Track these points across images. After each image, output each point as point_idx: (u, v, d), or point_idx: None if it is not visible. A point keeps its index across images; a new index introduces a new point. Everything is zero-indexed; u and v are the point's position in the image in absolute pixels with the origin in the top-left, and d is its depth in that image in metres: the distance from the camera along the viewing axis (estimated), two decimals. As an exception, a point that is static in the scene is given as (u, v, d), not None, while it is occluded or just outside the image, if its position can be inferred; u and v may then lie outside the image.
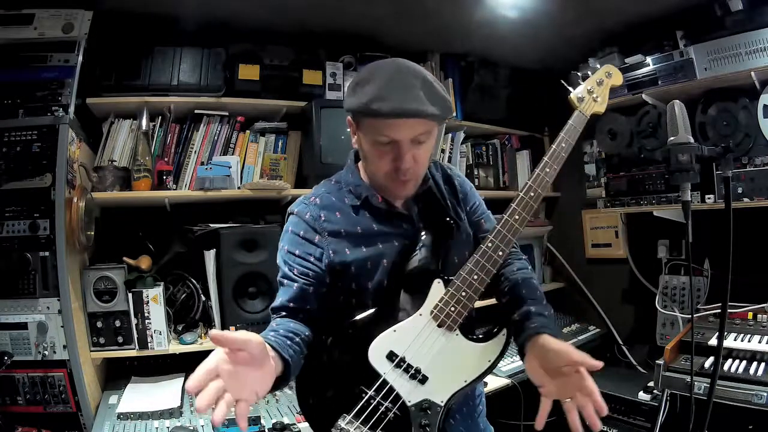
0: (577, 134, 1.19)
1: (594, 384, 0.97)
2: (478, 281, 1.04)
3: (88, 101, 1.94)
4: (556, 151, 1.16)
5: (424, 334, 1.03)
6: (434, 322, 1.04)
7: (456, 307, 1.03)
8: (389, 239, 1.12)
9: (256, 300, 2.03)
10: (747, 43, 1.97)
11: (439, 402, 1.02)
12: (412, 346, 1.02)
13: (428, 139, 1.06)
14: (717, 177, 2.02)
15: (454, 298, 1.04)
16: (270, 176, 2.18)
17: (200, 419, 1.73)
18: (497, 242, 1.06)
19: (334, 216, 1.12)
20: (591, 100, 1.22)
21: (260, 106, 2.20)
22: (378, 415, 0.99)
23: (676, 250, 2.53)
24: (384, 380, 1.00)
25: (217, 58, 2.11)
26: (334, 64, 2.35)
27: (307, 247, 1.10)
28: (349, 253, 1.09)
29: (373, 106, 0.98)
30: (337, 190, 1.17)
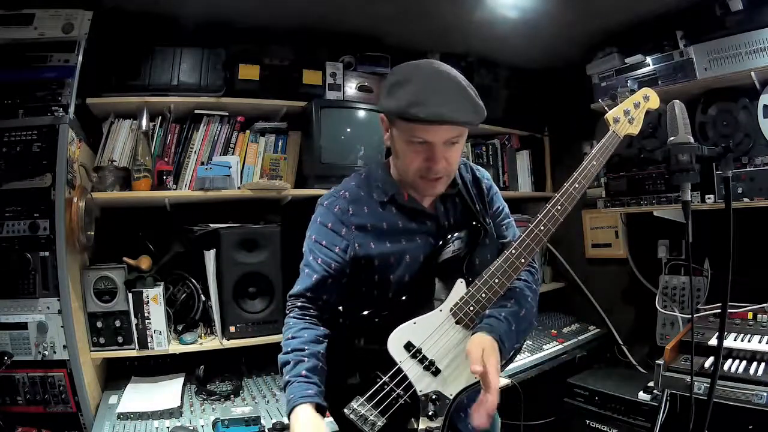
0: (609, 154, 1.22)
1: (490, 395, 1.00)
2: (498, 285, 1.10)
3: (88, 101, 1.94)
4: (586, 168, 1.19)
5: (442, 329, 1.09)
6: (453, 318, 1.10)
7: (475, 306, 1.09)
8: (413, 237, 1.17)
9: (256, 300, 2.03)
10: (747, 43, 1.97)
11: (449, 395, 1.08)
12: (430, 339, 1.09)
13: (461, 141, 1.11)
14: (717, 177, 2.02)
15: (473, 298, 1.10)
16: (270, 176, 2.19)
17: (200, 419, 1.73)
18: (521, 250, 1.12)
19: (361, 210, 1.17)
20: (626, 121, 1.25)
21: (260, 106, 2.20)
22: (389, 401, 1.06)
23: (676, 250, 2.53)
24: (399, 368, 1.07)
25: (217, 58, 2.11)
26: (334, 64, 2.35)
27: (334, 238, 1.15)
28: (373, 247, 1.14)
29: (412, 111, 1.01)
30: (366, 185, 1.22)
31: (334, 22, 2.24)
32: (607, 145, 1.22)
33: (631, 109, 1.26)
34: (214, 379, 2.03)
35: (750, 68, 1.96)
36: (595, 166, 1.20)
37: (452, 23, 2.31)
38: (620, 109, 1.26)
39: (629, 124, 1.25)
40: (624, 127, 1.25)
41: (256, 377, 2.14)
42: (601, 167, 1.22)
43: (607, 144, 1.22)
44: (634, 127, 1.26)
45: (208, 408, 1.84)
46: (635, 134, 1.27)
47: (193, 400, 1.89)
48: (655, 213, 2.32)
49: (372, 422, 1.04)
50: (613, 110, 1.26)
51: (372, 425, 1.04)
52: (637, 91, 1.29)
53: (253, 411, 1.75)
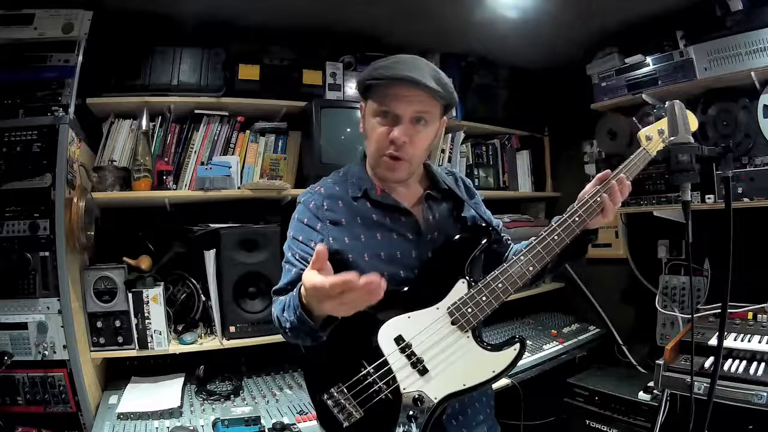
0: (637, 171, 1.20)
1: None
2: (501, 290, 1.07)
3: (88, 101, 1.94)
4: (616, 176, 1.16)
5: (436, 327, 1.05)
6: (449, 318, 1.06)
7: (473, 309, 1.06)
8: (389, 232, 1.15)
9: (256, 300, 2.03)
10: (747, 43, 1.97)
11: (433, 398, 1.03)
12: (421, 336, 1.04)
13: (427, 124, 1.11)
14: (717, 177, 2.02)
15: (473, 300, 1.06)
16: (270, 176, 2.18)
17: (200, 419, 1.73)
18: (530, 258, 1.08)
19: (336, 205, 1.17)
20: (660, 141, 1.22)
21: (260, 106, 2.20)
22: (370, 393, 1.02)
23: (676, 250, 2.53)
24: (385, 360, 1.03)
25: (217, 58, 2.11)
26: (334, 64, 2.35)
27: (310, 233, 1.15)
28: (347, 242, 1.13)
29: (377, 72, 1.08)
30: (343, 181, 1.22)
31: (334, 22, 2.24)
32: (636, 162, 1.19)
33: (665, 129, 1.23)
34: (214, 379, 2.03)
35: (750, 68, 1.96)
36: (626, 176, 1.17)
37: (452, 23, 2.31)
38: (654, 128, 1.23)
39: (663, 144, 1.23)
40: (656, 145, 1.22)
41: (256, 377, 2.14)
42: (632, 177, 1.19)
43: (636, 160, 1.19)
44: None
45: (208, 408, 1.84)
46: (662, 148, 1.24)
47: (193, 400, 1.89)
48: (655, 213, 2.32)
49: (349, 412, 1.02)
50: (647, 128, 1.24)
51: (348, 415, 1.02)
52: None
53: (253, 411, 1.75)
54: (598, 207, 1.11)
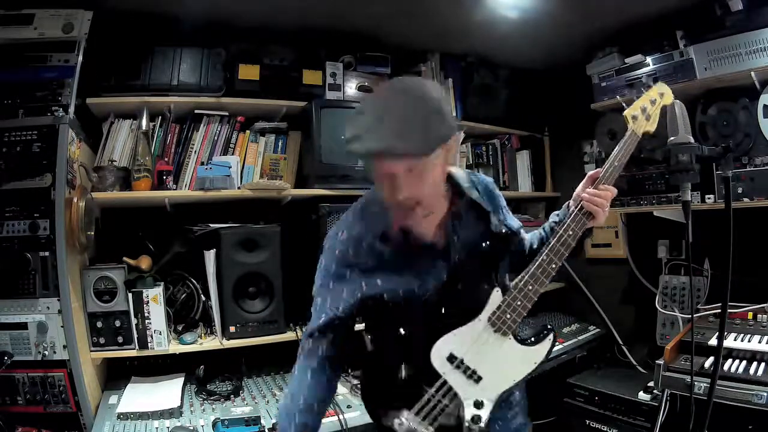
0: (629, 154, 1.22)
1: None
2: (533, 291, 1.13)
3: (88, 101, 1.94)
4: (609, 171, 1.21)
5: (482, 339, 1.12)
6: (491, 327, 1.12)
7: (512, 314, 1.12)
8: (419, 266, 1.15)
9: (256, 300, 2.03)
10: (747, 43, 1.97)
11: (490, 398, 1.12)
12: (471, 349, 1.11)
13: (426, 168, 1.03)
14: (717, 177, 2.02)
15: (510, 306, 1.13)
16: (270, 176, 2.18)
17: (200, 419, 1.73)
18: (552, 255, 1.15)
19: (360, 249, 1.16)
20: (644, 119, 1.25)
21: (260, 106, 2.20)
22: (437, 411, 1.10)
23: (676, 250, 2.53)
24: (444, 380, 1.11)
25: (217, 58, 2.11)
26: (334, 64, 2.35)
27: (339, 282, 1.16)
28: (380, 284, 1.15)
29: (352, 147, 1.01)
30: (362, 218, 1.19)
31: (334, 22, 2.24)
32: (628, 145, 1.22)
33: (647, 106, 1.25)
34: (214, 379, 2.03)
35: (750, 68, 1.96)
36: (617, 167, 1.21)
37: (452, 23, 2.31)
38: (637, 105, 1.25)
39: (646, 122, 1.24)
40: (641, 124, 1.24)
41: (256, 377, 2.14)
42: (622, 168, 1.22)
43: (628, 144, 1.22)
44: (651, 125, 1.25)
45: (208, 408, 1.84)
46: (652, 132, 1.26)
47: (193, 400, 1.89)
48: (655, 213, 2.32)
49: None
50: (631, 107, 1.25)
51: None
52: (653, 87, 1.28)
53: (253, 411, 1.75)
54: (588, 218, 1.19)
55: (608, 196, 1.18)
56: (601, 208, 1.17)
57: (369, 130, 0.98)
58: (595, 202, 1.17)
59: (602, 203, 1.17)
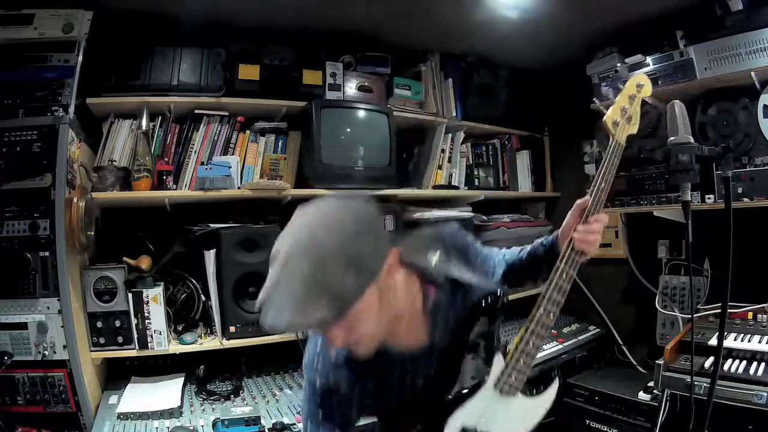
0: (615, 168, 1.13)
1: None
2: (534, 346, 1.09)
3: (88, 101, 1.94)
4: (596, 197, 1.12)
5: (491, 405, 1.09)
6: (499, 392, 1.09)
7: (517, 375, 1.09)
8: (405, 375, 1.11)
9: (256, 300, 2.02)
10: (747, 43, 1.97)
11: None
12: (481, 417, 1.08)
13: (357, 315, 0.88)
14: (717, 177, 2.02)
15: (514, 368, 1.09)
16: (270, 176, 2.18)
17: (200, 419, 1.73)
18: (548, 306, 1.10)
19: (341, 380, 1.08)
20: (624, 122, 1.16)
21: (260, 106, 2.20)
22: None
23: (676, 250, 2.53)
24: None
25: (217, 58, 2.11)
26: (334, 64, 2.35)
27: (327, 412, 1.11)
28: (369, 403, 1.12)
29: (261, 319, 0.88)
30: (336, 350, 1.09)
31: (334, 22, 2.24)
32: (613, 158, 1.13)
33: (627, 105, 1.16)
34: (214, 379, 2.03)
35: (750, 68, 1.96)
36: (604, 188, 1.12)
37: (452, 23, 2.31)
38: (617, 108, 1.16)
39: (628, 124, 1.16)
40: (623, 130, 1.16)
41: (256, 377, 2.14)
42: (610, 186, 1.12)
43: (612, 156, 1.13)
44: (633, 126, 1.17)
45: (208, 408, 1.84)
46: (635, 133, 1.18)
47: (193, 400, 1.89)
48: (655, 213, 2.32)
49: None
50: (611, 111, 1.15)
51: None
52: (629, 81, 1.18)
53: (253, 411, 1.75)
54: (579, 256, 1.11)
55: (600, 229, 1.11)
56: (594, 243, 1.10)
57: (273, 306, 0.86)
58: (587, 240, 1.09)
59: (595, 240, 1.10)
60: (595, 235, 1.10)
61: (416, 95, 2.56)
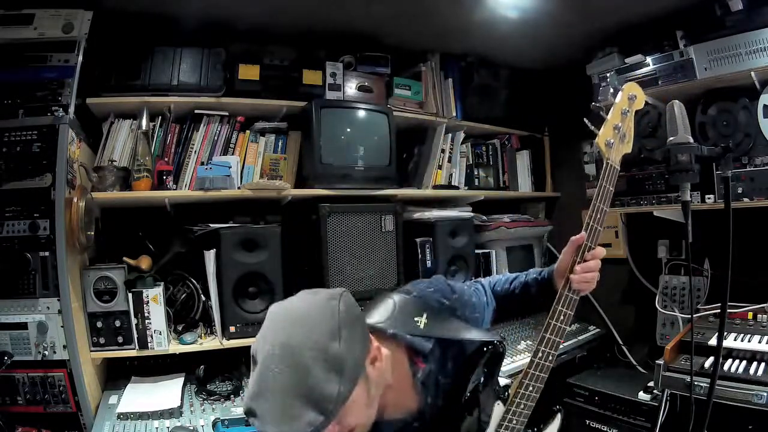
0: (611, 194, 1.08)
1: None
2: (535, 390, 1.09)
3: (88, 101, 1.94)
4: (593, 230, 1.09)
5: None
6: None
7: (517, 419, 1.09)
8: None
9: (256, 300, 2.03)
10: (747, 43, 1.97)
11: None
12: None
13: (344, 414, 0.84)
14: (717, 177, 2.02)
15: (515, 414, 1.09)
16: (270, 176, 2.18)
17: (200, 419, 1.73)
18: (546, 349, 1.08)
19: None
20: (618, 141, 1.10)
21: (260, 106, 2.20)
22: None
23: (676, 250, 2.53)
24: None
25: (217, 58, 2.11)
26: (334, 64, 2.35)
27: None
28: None
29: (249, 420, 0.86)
30: None
31: (334, 22, 2.24)
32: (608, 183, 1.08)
33: (620, 123, 1.10)
34: (214, 379, 2.03)
35: (750, 68, 1.96)
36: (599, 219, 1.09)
37: (452, 23, 2.31)
38: (609, 126, 1.09)
39: (621, 143, 1.10)
40: (617, 150, 1.10)
41: (256, 377, 2.13)
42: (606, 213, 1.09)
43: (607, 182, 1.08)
44: (628, 144, 1.12)
45: (208, 408, 1.84)
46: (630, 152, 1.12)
47: (193, 400, 1.89)
48: (655, 213, 2.32)
49: None
50: (603, 130, 1.09)
51: None
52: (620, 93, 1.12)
53: (253, 411, 1.75)
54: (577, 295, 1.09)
55: (597, 266, 1.07)
56: (592, 281, 1.07)
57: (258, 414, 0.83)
58: (585, 279, 1.06)
59: (593, 278, 1.07)
60: (593, 273, 1.08)
61: (416, 95, 2.56)
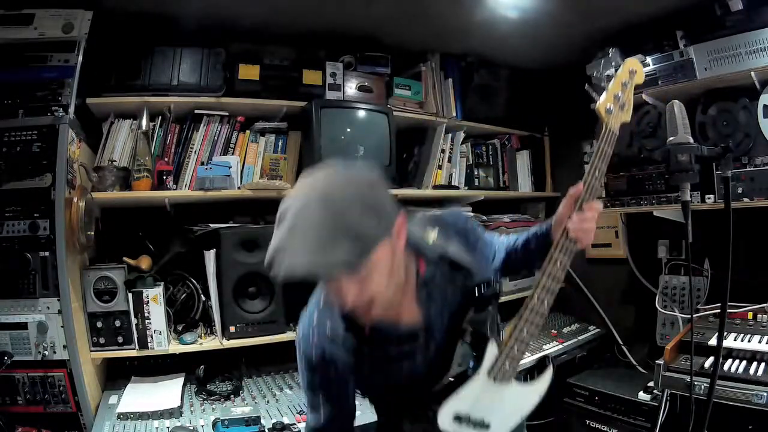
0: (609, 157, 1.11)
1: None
2: (528, 334, 1.09)
3: (88, 101, 1.94)
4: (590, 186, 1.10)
5: (484, 392, 1.09)
6: (492, 380, 1.09)
7: (510, 363, 1.09)
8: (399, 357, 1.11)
9: (256, 300, 2.03)
10: (747, 43, 1.97)
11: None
12: (475, 404, 1.09)
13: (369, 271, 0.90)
14: (717, 177, 2.02)
15: (508, 356, 1.09)
16: (270, 176, 2.18)
17: (200, 419, 1.73)
18: (542, 294, 1.10)
19: (335, 356, 1.08)
20: (618, 109, 1.13)
21: (260, 106, 2.20)
22: None
23: (676, 250, 2.53)
24: None
25: (217, 58, 2.11)
26: (334, 64, 2.35)
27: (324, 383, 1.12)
28: (364, 385, 1.14)
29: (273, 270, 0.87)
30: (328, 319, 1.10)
31: (334, 22, 2.24)
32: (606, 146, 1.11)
33: (620, 93, 1.13)
34: (214, 379, 2.03)
35: (750, 68, 1.96)
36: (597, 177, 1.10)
37: (452, 23, 2.31)
38: (610, 95, 1.12)
39: (621, 111, 1.13)
40: (617, 117, 1.13)
41: (256, 377, 2.14)
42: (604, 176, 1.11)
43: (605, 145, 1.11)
44: (627, 113, 1.14)
45: (208, 408, 1.84)
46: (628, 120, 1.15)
47: (193, 400, 1.89)
48: (655, 213, 2.32)
49: None
50: (603, 98, 1.12)
51: None
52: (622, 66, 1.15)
53: (253, 411, 1.76)
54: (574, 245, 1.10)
55: (594, 217, 1.09)
56: (589, 232, 1.09)
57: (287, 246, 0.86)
58: (582, 228, 1.09)
59: (589, 228, 1.09)
60: (590, 223, 1.09)
61: (416, 95, 2.56)
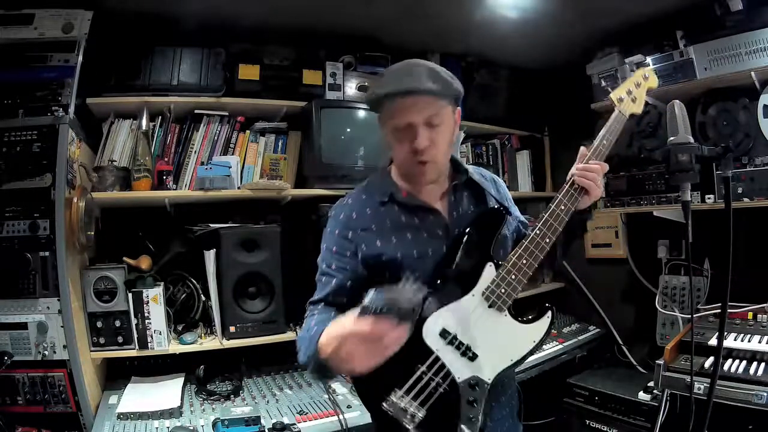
0: (617, 133, 1.25)
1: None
2: (527, 265, 1.13)
3: (88, 101, 1.94)
4: (598, 149, 1.22)
5: (476, 314, 1.10)
6: (485, 302, 1.11)
7: (506, 289, 1.11)
8: (418, 231, 1.19)
9: (256, 300, 2.03)
10: (747, 43, 1.97)
11: (487, 379, 1.09)
12: (464, 325, 1.09)
13: (442, 122, 1.13)
14: (717, 177, 2.02)
15: (504, 281, 1.12)
16: (270, 176, 2.19)
17: (200, 419, 1.73)
18: (545, 230, 1.15)
19: (364, 213, 1.20)
20: (629, 101, 1.27)
21: (260, 106, 2.20)
22: (429, 390, 1.05)
23: (676, 250, 2.53)
24: (436, 357, 1.07)
25: (217, 58, 2.11)
26: (334, 64, 2.35)
27: (343, 243, 1.19)
28: (379, 245, 1.17)
29: (377, 91, 1.11)
30: (367, 190, 1.26)
31: (334, 22, 2.24)
32: (614, 125, 1.24)
33: (632, 88, 1.28)
34: (214, 379, 2.03)
35: (750, 68, 1.96)
36: (605, 145, 1.22)
37: (452, 23, 2.31)
38: (623, 89, 1.27)
39: (632, 103, 1.27)
40: (628, 106, 1.26)
41: (256, 377, 2.13)
42: (611, 146, 1.23)
43: (614, 124, 1.25)
44: (637, 106, 1.28)
45: (208, 408, 1.84)
46: (638, 113, 1.29)
47: (193, 400, 1.89)
48: (655, 213, 2.32)
49: (412, 414, 1.03)
50: (617, 90, 1.28)
51: (412, 417, 1.03)
52: (637, 71, 1.31)
53: (253, 411, 1.75)
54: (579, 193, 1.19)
55: (598, 169, 1.19)
56: (593, 181, 1.18)
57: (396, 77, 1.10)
58: (585, 176, 1.18)
59: (593, 177, 1.18)
60: (593, 174, 1.18)
61: (416, 95, 2.56)
